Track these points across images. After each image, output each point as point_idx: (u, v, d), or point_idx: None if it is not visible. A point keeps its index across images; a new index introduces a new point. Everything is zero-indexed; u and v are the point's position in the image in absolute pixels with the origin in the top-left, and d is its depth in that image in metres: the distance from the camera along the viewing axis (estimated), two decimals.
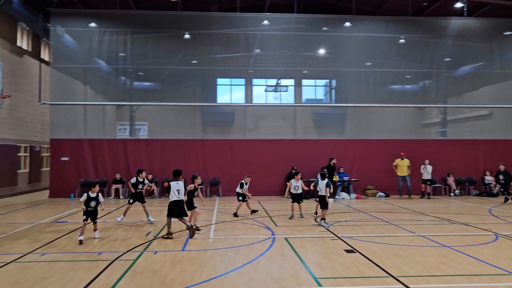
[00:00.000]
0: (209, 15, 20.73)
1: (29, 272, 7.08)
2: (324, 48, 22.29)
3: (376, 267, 7.40)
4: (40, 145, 22.29)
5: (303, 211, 13.36)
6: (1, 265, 7.48)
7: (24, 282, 6.58)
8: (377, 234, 10.52)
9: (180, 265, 7.56)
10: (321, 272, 7.18)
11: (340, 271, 7.18)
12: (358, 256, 8.21)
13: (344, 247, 8.94)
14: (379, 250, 8.70)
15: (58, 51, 19.99)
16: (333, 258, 8.09)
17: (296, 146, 20.41)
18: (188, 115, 23.39)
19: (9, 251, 8.62)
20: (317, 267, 7.47)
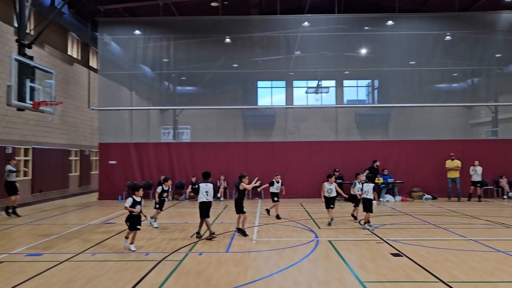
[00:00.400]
0: (250, 19, 20.89)
1: (81, 271, 7.38)
2: (366, 48, 21.90)
3: (425, 272, 7.16)
4: (89, 149, 23.24)
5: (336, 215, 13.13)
6: (55, 264, 7.83)
7: (77, 280, 6.87)
8: (425, 237, 10.19)
9: (225, 266, 7.64)
10: (367, 275, 7.03)
11: (387, 275, 7.01)
12: (405, 260, 7.99)
13: (391, 251, 8.72)
14: (427, 254, 8.42)
15: (105, 59, 20.81)
16: (379, 261, 7.91)
17: (338, 148, 20.13)
18: (230, 118, 23.66)
19: (63, 251, 9.02)
20: (363, 270, 7.33)
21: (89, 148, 23.21)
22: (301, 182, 19.40)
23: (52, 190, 19.34)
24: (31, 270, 7.42)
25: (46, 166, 18.56)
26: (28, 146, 17.52)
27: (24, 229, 11.89)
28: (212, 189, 10.32)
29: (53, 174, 19.22)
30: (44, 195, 18.59)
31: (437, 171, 18.88)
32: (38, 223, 13.00)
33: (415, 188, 19.46)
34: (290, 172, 19.76)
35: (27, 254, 8.69)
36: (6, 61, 15.39)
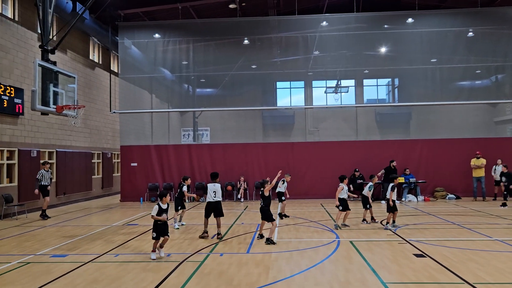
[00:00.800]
0: (268, 20, 20.89)
1: (105, 272, 7.50)
2: (386, 46, 21.61)
3: (449, 273, 7.03)
4: (111, 151, 23.61)
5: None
6: (80, 265, 7.99)
7: (101, 281, 6.98)
8: (448, 238, 10.01)
9: (246, 267, 7.65)
10: (389, 276, 6.94)
11: (410, 276, 6.91)
12: (428, 260, 7.86)
13: (413, 251, 8.59)
14: (451, 254, 8.26)
15: (126, 62, 21.12)
16: (401, 262, 7.80)
17: (359, 147, 19.95)
18: (249, 119, 23.69)
19: (87, 252, 9.19)
20: (385, 271, 7.24)
21: (111, 150, 23.58)
22: (321, 183, 19.30)
23: (76, 193, 19.72)
24: (56, 271, 7.58)
25: (70, 169, 18.94)
26: (52, 149, 17.91)
27: (49, 230, 12.16)
28: (220, 189, 10.44)
29: (76, 176, 19.60)
30: (68, 197, 18.97)
31: (461, 170, 18.52)
32: (63, 224, 13.28)
33: (438, 187, 19.12)
34: (310, 172, 19.69)
35: (52, 255, 8.88)
36: (30, 67, 15.78)
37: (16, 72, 15.63)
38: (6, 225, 13.12)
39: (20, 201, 15.45)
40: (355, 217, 13.23)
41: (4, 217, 14.52)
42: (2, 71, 14.92)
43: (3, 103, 14.58)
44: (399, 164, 18.88)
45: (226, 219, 13.35)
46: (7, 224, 13.43)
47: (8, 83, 15.00)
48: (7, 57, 15.23)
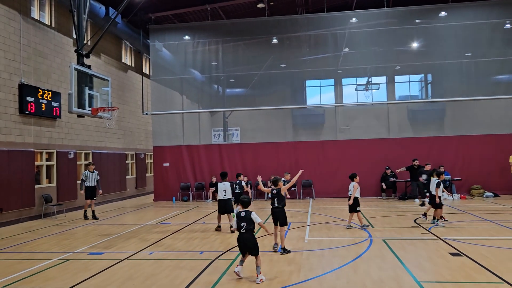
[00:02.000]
0: (296, 18, 20.83)
1: (140, 269, 7.68)
2: (418, 41, 21.12)
3: (488, 272, 6.82)
4: (144, 152, 24.14)
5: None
6: (116, 262, 8.22)
7: (136, 278, 7.17)
8: (486, 236, 9.71)
9: (278, 265, 7.67)
10: (424, 275, 6.81)
11: (446, 275, 6.75)
12: (465, 259, 7.65)
13: (449, 250, 8.38)
14: (489, 254, 8.01)
15: (157, 64, 21.55)
16: (437, 261, 7.63)
17: (391, 145, 19.60)
18: (279, 118, 23.70)
19: (122, 250, 9.44)
20: (420, 270, 7.10)
21: (144, 151, 24.11)
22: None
23: (111, 192, 20.26)
24: (93, 268, 7.83)
25: (105, 169, 19.47)
26: (88, 150, 18.48)
27: (86, 229, 12.56)
28: (229, 187, 11.34)
29: (111, 177, 20.15)
30: (103, 197, 19.51)
31: (499, 167, 17.90)
32: (99, 223, 13.68)
33: (475, 185, 18.55)
34: (341, 171, 19.45)
35: (90, 253, 9.18)
36: (66, 71, 16.34)
37: (53, 77, 16.22)
38: (46, 224, 13.64)
39: (59, 201, 16.03)
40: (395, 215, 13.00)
41: (44, 216, 15.11)
42: (41, 76, 15.52)
43: (41, 106, 15.17)
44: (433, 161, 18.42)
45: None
46: (47, 223, 13.96)
47: (46, 88, 15.59)
48: (45, 62, 15.82)
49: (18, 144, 14.25)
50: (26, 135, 14.71)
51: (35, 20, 15.43)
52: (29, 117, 14.85)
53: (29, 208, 14.63)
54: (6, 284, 6.94)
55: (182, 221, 13.67)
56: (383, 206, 15.76)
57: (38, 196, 15.06)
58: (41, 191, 15.27)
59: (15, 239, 11.18)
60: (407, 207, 15.63)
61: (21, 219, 14.22)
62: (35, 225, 13.46)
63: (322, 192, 19.55)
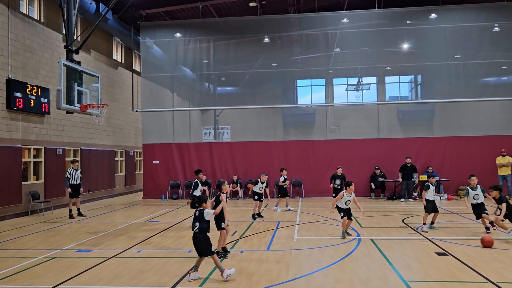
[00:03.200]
0: (288, 18, 20.84)
1: (128, 267, 7.64)
2: (408, 42, 21.27)
3: (473, 272, 6.91)
4: (134, 150, 23.99)
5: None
6: (103, 260, 8.16)
7: (124, 275, 7.13)
8: (471, 237, 9.83)
9: (266, 264, 7.69)
10: (411, 275, 6.87)
11: (432, 275, 6.82)
12: (451, 259, 7.74)
13: (436, 250, 8.47)
14: (475, 254, 8.11)
15: (148, 62, 21.41)
16: (423, 260, 7.71)
17: (380, 145, 19.73)
18: (270, 117, 23.70)
19: (110, 247, 9.38)
20: (407, 269, 7.17)
21: (133, 148, 23.96)
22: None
23: (100, 190, 20.12)
24: (81, 266, 7.77)
25: (94, 167, 19.33)
26: (77, 147, 18.32)
27: (74, 226, 12.46)
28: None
29: (100, 174, 19.99)
30: (92, 195, 19.37)
31: (487, 168, 18.08)
32: (87, 221, 13.58)
33: (462, 186, 18.72)
34: (330, 170, 19.49)
35: (77, 250, 9.11)
36: (55, 67, 16.14)
37: (42, 72, 16.04)
38: (33, 221, 13.51)
39: (47, 198, 15.87)
40: (383, 215, 13.10)
41: (31, 213, 14.95)
42: (29, 72, 15.34)
43: (30, 102, 14.99)
44: (422, 162, 18.64)
45: (246, 217, 13.46)
46: (34, 220, 13.82)
47: (34, 83, 15.41)
48: (34, 57, 15.64)
49: (5, 140, 14.08)
50: (14, 131, 14.53)
51: (23, 14, 15.23)
52: (17, 113, 14.67)
53: (16, 205, 14.46)
54: None
55: (171, 219, 13.63)
56: (372, 206, 15.86)
57: (25, 192, 14.89)
58: (28, 187, 15.10)
59: (1, 236, 11.04)
60: (395, 207, 15.76)
61: (7, 216, 14.05)
62: (22, 222, 13.32)
63: (311, 191, 19.61)
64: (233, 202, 18.08)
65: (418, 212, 14.11)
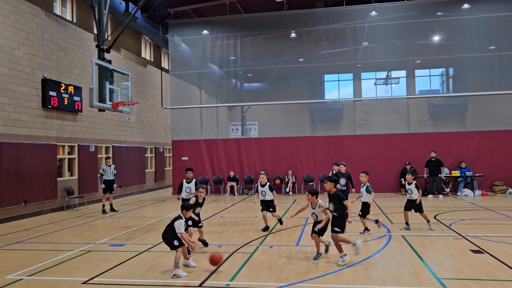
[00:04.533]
0: (315, 12, 20.67)
1: (160, 261, 7.80)
2: (439, 34, 20.73)
3: (510, 270, 6.71)
4: (163, 146, 24.38)
5: None
6: (136, 254, 8.35)
7: (156, 269, 7.28)
8: (509, 234, 9.53)
9: (296, 259, 7.69)
10: (444, 272, 6.73)
11: (467, 272, 6.66)
12: (487, 257, 7.53)
13: (470, 247, 8.27)
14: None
15: (176, 59, 21.70)
16: (457, 258, 7.54)
17: (410, 140, 19.36)
18: (297, 113, 23.58)
19: (142, 242, 9.59)
20: (440, 267, 7.03)
21: (163, 145, 24.35)
22: (371, 176, 18.72)
23: (131, 186, 20.56)
24: (114, 259, 7.98)
25: (125, 163, 19.76)
26: (109, 144, 18.77)
27: (107, 221, 12.80)
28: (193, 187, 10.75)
29: (131, 170, 20.43)
30: (123, 190, 19.81)
31: None
32: (119, 216, 13.91)
33: (497, 181, 18.20)
34: (359, 166, 19.26)
35: (110, 245, 9.36)
36: (87, 66, 16.58)
37: (75, 71, 16.49)
38: (68, 216, 13.94)
39: (80, 193, 16.35)
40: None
41: (66, 208, 15.44)
42: (62, 71, 15.80)
43: (63, 101, 15.45)
44: (454, 157, 18.18)
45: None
46: (69, 215, 14.27)
47: (68, 82, 15.86)
48: (67, 57, 16.09)
49: (41, 138, 14.56)
50: (49, 129, 15.01)
51: (57, 15, 15.68)
52: (52, 111, 15.15)
53: (51, 200, 14.96)
54: (31, 274, 7.13)
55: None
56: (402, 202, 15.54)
57: (60, 188, 15.39)
58: (63, 183, 15.60)
59: (39, 230, 11.46)
60: (426, 203, 15.40)
61: (44, 211, 14.56)
62: (58, 217, 13.77)
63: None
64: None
65: (450, 208, 13.82)
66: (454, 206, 14.31)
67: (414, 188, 10.31)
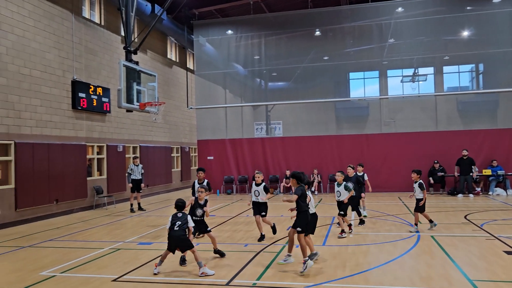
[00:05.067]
0: (340, 9, 20.46)
1: (187, 259, 7.87)
2: (469, 29, 20.17)
3: None
4: (189, 146, 24.64)
5: None
6: None
7: (184, 268, 7.37)
8: None
9: (322, 259, 7.64)
10: (476, 273, 6.57)
11: (501, 274, 6.48)
12: None
13: (504, 248, 8.03)
14: None
15: (201, 59, 21.89)
16: (490, 259, 7.34)
17: (439, 138, 18.95)
18: (322, 111, 23.40)
19: None
20: (472, 268, 6.86)
21: (188, 145, 24.61)
22: (398, 175, 18.63)
23: (157, 185, 20.86)
24: (143, 257, 8.12)
25: (152, 162, 20.07)
26: (136, 144, 19.10)
27: (135, 220, 13.03)
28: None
29: (157, 169, 20.73)
30: (150, 190, 20.12)
31: None
32: (147, 214, 14.14)
33: None
34: (386, 164, 19.09)
35: (139, 243, 9.53)
36: (115, 67, 16.92)
37: (103, 73, 16.85)
38: (98, 215, 14.27)
39: (109, 193, 16.70)
40: (445, 210, 12.60)
41: (95, 207, 15.80)
42: (91, 73, 16.17)
43: (92, 102, 15.81)
44: (485, 155, 17.69)
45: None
46: (98, 213, 14.60)
47: (96, 84, 16.23)
48: (95, 59, 16.46)
49: (71, 138, 14.95)
50: (79, 130, 15.40)
51: (86, 19, 16.06)
52: (81, 112, 15.53)
53: (82, 199, 15.35)
54: (63, 271, 7.34)
55: (227, 213, 13.89)
56: (431, 201, 15.27)
57: (90, 187, 15.76)
58: (92, 183, 15.97)
59: (69, 228, 11.77)
60: (456, 202, 15.10)
61: (75, 210, 14.95)
62: (88, 216, 14.11)
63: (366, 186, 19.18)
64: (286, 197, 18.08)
65: (482, 208, 13.47)
66: (486, 206, 13.93)
67: (417, 187, 9.97)
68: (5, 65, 12.33)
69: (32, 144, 13.11)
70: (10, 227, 12.11)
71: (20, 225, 12.42)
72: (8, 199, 12.28)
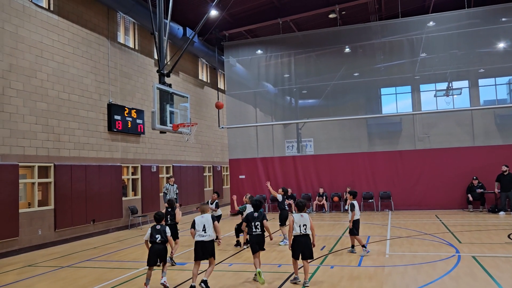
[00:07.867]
0: (369, 26, 20.39)
1: (221, 280, 7.90)
2: (504, 41, 19.64)
3: None
4: (220, 165, 24.84)
5: None
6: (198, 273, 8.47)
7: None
8: None
9: (358, 280, 7.48)
10: None
11: None
12: None
13: None
14: None
15: (231, 79, 22.21)
16: None
17: (476, 153, 18.34)
18: (353, 128, 23.17)
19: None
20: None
21: (220, 164, 24.81)
22: (435, 192, 18.13)
23: (190, 204, 21.06)
24: (179, 278, 8.20)
25: (185, 182, 20.32)
26: (169, 164, 19.42)
27: None
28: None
29: (190, 189, 20.96)
30: (183, 209, 20.30)
31: None
32: (181, 234, 14.17)
33: None
34: (421, 182, 18.61)
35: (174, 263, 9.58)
36: (148, 90, 17.41)
37: (137, 96, 17.35)
38: (133, 234, 14.50)
39: (144, 212, 16.98)
40: (485, 230, 12.12)
41: (130, 227, 16.08)
42: (126, 96, 16.67)
43: (127, 124, 16.26)
44: None
45: (334, 231, 13.20)
46: (133, 233, 14.84)
47: (131, 106, 16.70)
48: (130, 82, 16.98)
49: (107, 160, 15.37)
50: (114, 151, 15.83)
51: (121, 44, 16.66)
52: (117, 134, 15.98)
53: (117, 219, 15.67)
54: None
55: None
56: (470, 219, 14.75)
57: (125, 207, 16.09)
58: (127, 203, 16.30)
59: (106, 248, 12.01)
60: (498, 220, 14.49)
61: (110, 230, 15.26)
62: (123, 235, 14.37)
63: (401, 204, 18.75)
64: (319, 216, 17.89)
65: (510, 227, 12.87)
66: None
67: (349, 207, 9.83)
68: (46, 91, 12.91)
69: (70, 166, 13.56)
70: (50, 247, 12.49)
71: (59, 245, 12.79)
72: (48, 220, 12.69)
